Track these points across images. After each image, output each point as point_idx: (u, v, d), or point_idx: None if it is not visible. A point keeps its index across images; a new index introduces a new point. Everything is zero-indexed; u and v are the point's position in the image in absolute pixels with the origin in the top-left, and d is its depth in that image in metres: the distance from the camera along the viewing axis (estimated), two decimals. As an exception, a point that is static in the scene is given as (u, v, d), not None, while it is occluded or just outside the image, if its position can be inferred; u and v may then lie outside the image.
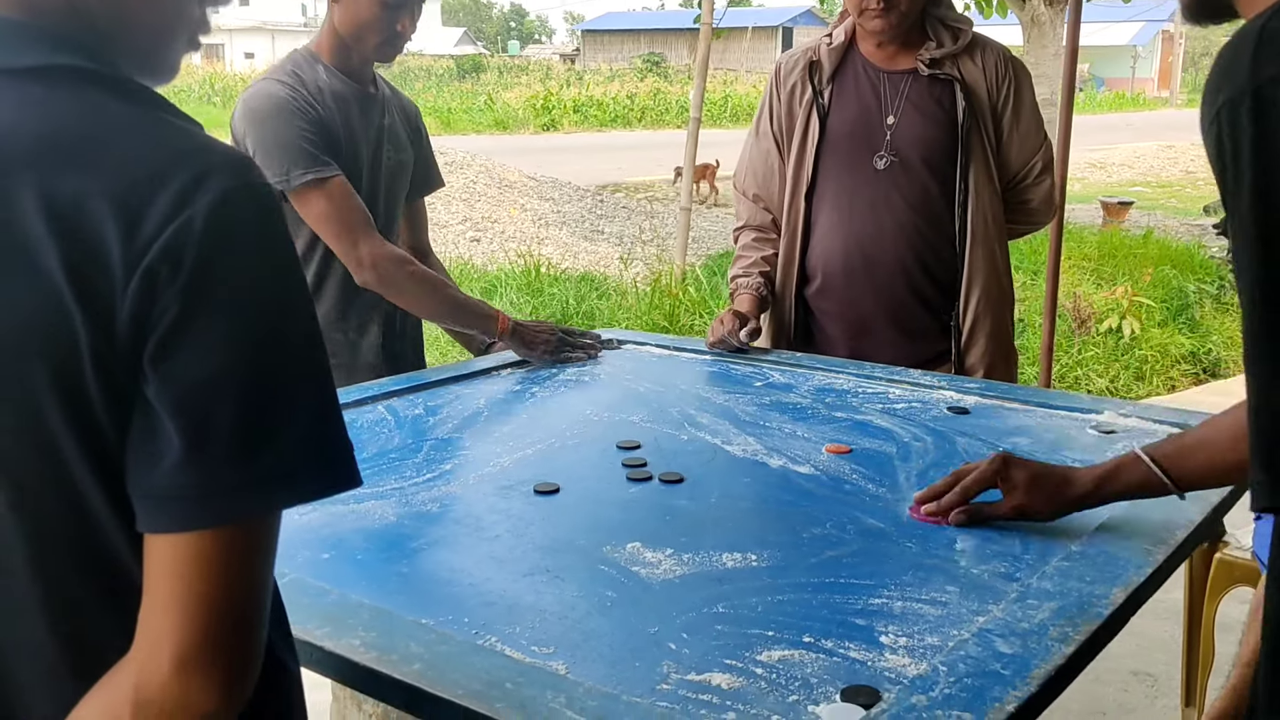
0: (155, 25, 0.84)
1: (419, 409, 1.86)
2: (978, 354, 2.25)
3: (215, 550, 0.72)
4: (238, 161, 0.76)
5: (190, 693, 0.72)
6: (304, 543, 1.31)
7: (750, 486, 1.50)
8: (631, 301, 5.95)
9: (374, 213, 2.07)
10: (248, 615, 0.74)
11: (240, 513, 0.72)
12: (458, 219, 8.46)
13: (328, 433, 0.77)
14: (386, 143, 2.12)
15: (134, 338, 0.70)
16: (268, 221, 0.76)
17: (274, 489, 0.74)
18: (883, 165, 2.24)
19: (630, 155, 15.65)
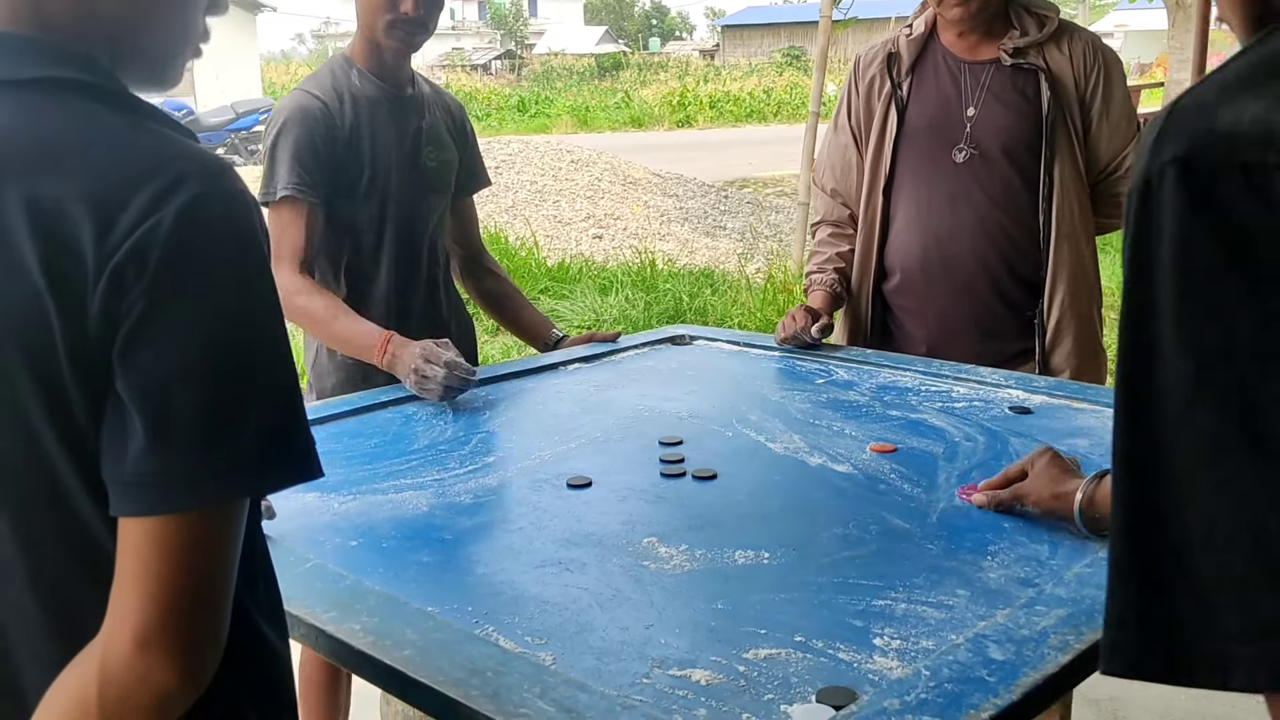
0: (167, 37, 0.89)
1: (478, 403, 1.90)
2: (1063, 354, 2.16)
3: (175, 535, 0.76)
4: (213, 168, 0.80)
5: (150, 670, 0.76)
6: (336, 530, 1.36)
7: (782, 485, 1.48)
8: (745, 298, 5.92)
9: (413, 214, 2.10)
10: (207, 598, 0.78)
11: (198, 500, 0.76)
12: (581, 216, 8.57)
13: (287, 427, 0.81)
14: (426, 144, 2.13)
15: (104, 333, 0.75)
16: (235, 225, 0.79)
17: (231, 479, 0.78)
18: (962, 158, 2.18)
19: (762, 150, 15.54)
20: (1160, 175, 0.54)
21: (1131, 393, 0.57)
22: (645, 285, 6.24)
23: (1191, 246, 0.53)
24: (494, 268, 2.41)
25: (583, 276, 6.76)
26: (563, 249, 7.71)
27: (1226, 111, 0.54)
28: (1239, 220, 0.52)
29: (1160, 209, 0.54)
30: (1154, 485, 0.55)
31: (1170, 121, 0.56)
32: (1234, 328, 0.52)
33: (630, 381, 2.02)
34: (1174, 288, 0.54)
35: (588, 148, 10.57)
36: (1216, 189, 0.53)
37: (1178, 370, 0.54)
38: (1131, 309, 0.57)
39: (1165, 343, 0.54)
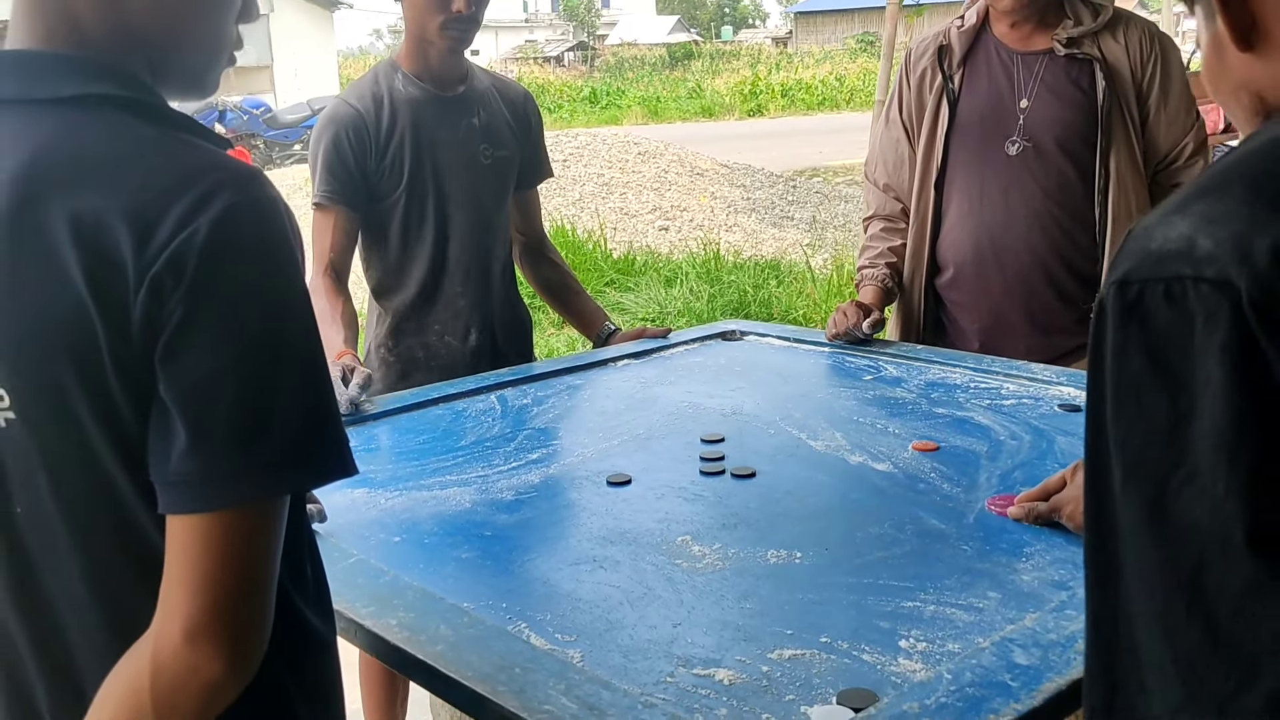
0: (202, 48, 0.93)
1: (527, 399, 1.93)
2: None
3: (218, 531, 0.80)
4: (246, 177, 0.84)
5: (199, 661, 0.80)
6: (381, 525, 1.39)
7: (820, 483, 1.48)
8: (809, 289, 5.89)
9: (469, 211, 2.13)
10: (250, 591, 0.82)
11: (237, 497, 0.80)
12: (647, 208, 8.58)
13: (320, 427, 0.84)
14: (482, 141, 2.15)
15: (146, 339, 0.79)
16: (268, 233, 0.83)
17: (267, 476, 0.81)
18: (1015, 151, 2.15)
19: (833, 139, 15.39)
20: (1107, 296, 0.61)
21: (1091, 491, 0.62)
22: (710, 277, 6.24)
23: (1124, 353, 0.59)
24: (555, 257, 2.44)
25: (648, 269, 6.77)
26: (629, 241, 7.73)
27: (1159, 233, 0.59)
28: (1159, 328, 0.57)
29: (1105, 326, 0.60)
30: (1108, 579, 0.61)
31: (1124, 247, 0.62)
32: (1152, 424, 0.57)
33: (678, 378, 2.03)
34: (1112, 392, 0.60)
35: (655, 139, 10.58)
36: (1144, 302, 0.58)
37: (1114, 466, 0.60)
38: (1090, 421, 0.62)
39: (1109, 445, 0.60)
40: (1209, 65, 0.74)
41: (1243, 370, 0.54)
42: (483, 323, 2.19)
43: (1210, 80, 0.75)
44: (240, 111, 13.91)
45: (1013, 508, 1.32)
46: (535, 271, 2.42)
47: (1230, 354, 0.55)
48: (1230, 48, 0.69)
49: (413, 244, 2.12)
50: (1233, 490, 0.54)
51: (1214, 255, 0.56)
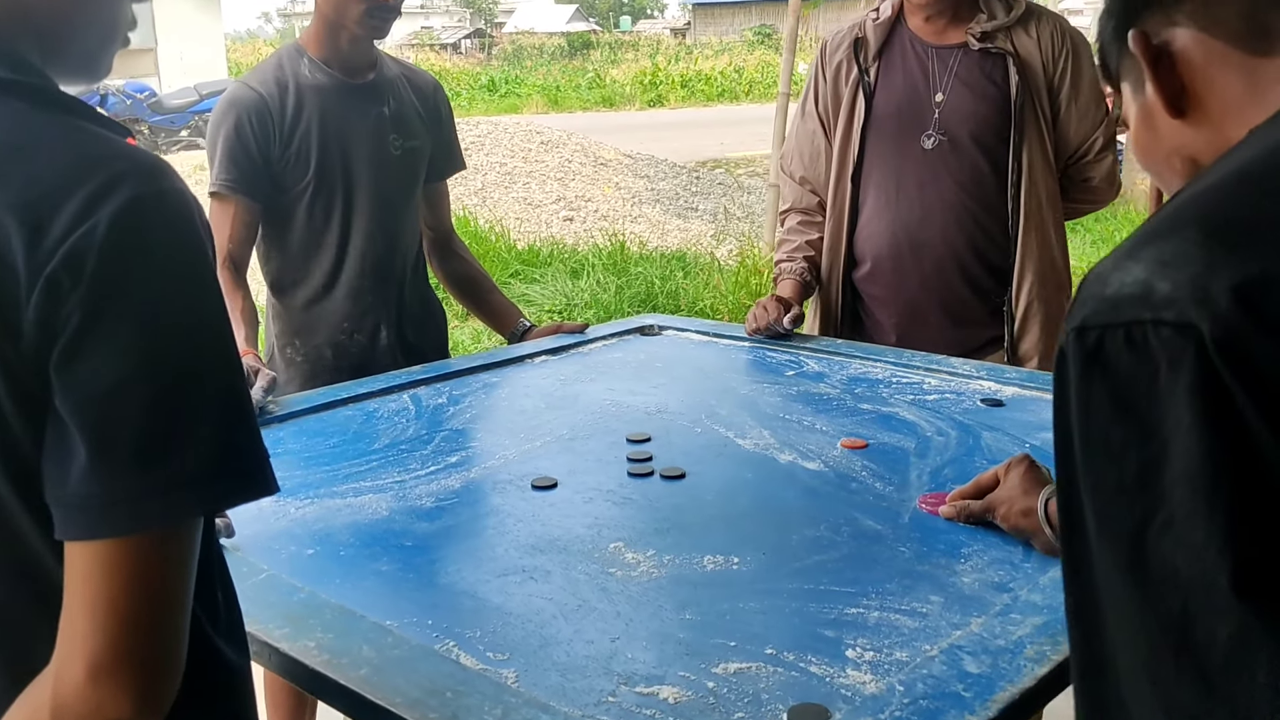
0: (97, 29, 0.85)
1: (442, 398, 1.86)
2: (1031, 341, 2.14)
3: (123, 558, 0.72)
4: (150, 167, 0.76)
5: (104, 701, 0.72)
6: (292, 537, 1.31)
7: (752, 483, 1.45)
8: (717, 280, 5.89)
9: (381, 204, 2.05)
10: (162, 623, 0.74)
11: (145, 521, 0.72)
12: (551, 198, 8.50)
13: (237, 441, 0.77)
14: (392, 131, 2.07)
15: (40, 346, 0.71)
16: (176, 227, 0.75)
17: (180, 497, 0.74)
18: (931, 145, 2.15)
19: (734, 130, 15.48)
20: (1067, 343, 0.60)
21: (1067, 543, 0.61)
22: (617, 269, 6.19)
23: (1089, 402, 0.58)
24: (463, 252, 2.36)
25: (554, 260, 6.70)
26: (533, 232, 7.64)
27: (1115, 278, 0.59)
28: (1121, 374, 0.57)
29: (1068, 374, 0.60)
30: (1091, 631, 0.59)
31: (1078, 293, 0.62)
32: (1123, 472, 0.56)
33: (598, 375, 1.98)
34: (1080, 441, 0.59)
35: (558, 128, 10.48)
36: (1104, 348, 0.57)
37: (1088, 515, 0.59)
38: (1060, 469, 0.61)
39: (1081, 495, 0.59)
40: (1139, 136, 0.77)
41: (1212, 412, 0.53)
42: (394, 319, 2.10)
43: (1142, 150, 0.77)
44: (123, 96, 13.34)
45: (945, 507, 1.31)
46: (444, 267, 2.33)
47: (1198, 397, 0.54)
48: (1161, 116, 0.73)
49: (318, 237, 2.02)
50: (1213, 536, 0.53)
51: (1172, 298, 0.56)
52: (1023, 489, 1.22)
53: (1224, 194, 0.62)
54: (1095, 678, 0.58)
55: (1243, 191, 0.61)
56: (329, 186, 2.01)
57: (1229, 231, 0.58)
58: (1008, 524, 1.22)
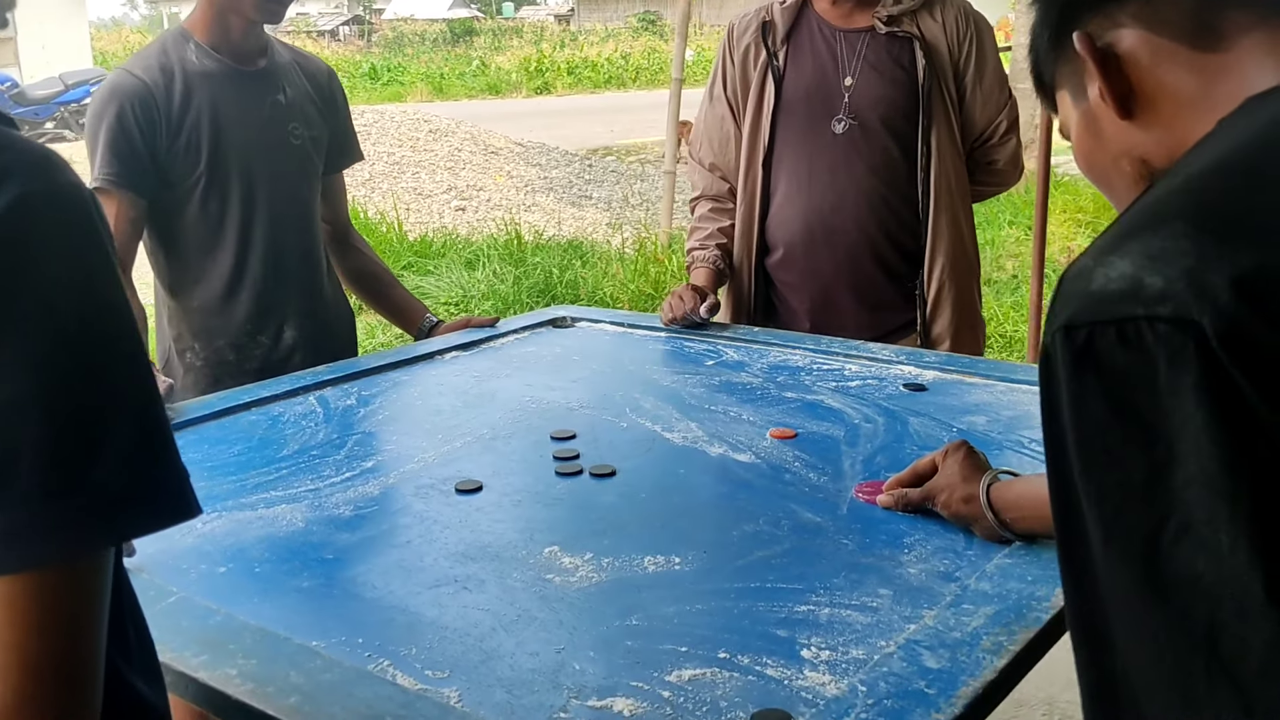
0: None
1: (352, 399, 1.77)
2: (943, 323, 2.16)
3: (28, 597, 0.64)
4: (39, 161, 0.68)
5: None
6: (200, 554, 1.23)
7: (685, 478, 1.41)
8: (616, 269, 5.85)
9: (283, 198, 1.96)
10: (74, 666, 0.67)
11: (53, 555, 0.64)
12: (442, 188, 8.33)
13: (153, 460, 0.69)
14: (289, 120, 1.97)
15: None
16: (72, 226, 0.67)
17: (90, 526, 0.66)
18: (841, 129, 2.14)
19: (623, 117, 15.44)
20: (1052, 343, 0.58)
21: (1068, 557, 0.58)
22: (514, 259, 6.10)
23: (1082, 403, 0.56)
24: (362, 246, 2.26)
25: (448, 251, 6.56)
26: (425, 223, 7.48)
27: (1099, 274, 0.57)
28: (1116, 372, 0.54)
29: (1056, 375, 0.57)
30: (1099, 647, 0.56)
31: (1058, 291, 0.59)
32: (1128, 476, 0.54)
33: (513, 370, 1.91)
34: (1075, 445, 0.56)
35: (446, 117, 10.29)
36: (1095, 346, 0.55)
37: (1091, 525, 0.56)
38: (1053, 476, 0.59)
39: (1080, 504, 0.56)
40: (1082, 144, 0.76)
41: (1223, 410, 0.51)
42: (298, 318, 2.00)
43: (1086, 157, 0.77)
44: (-19, 87, 12.66)
45: (883, 496, 1.29)
46: (343, 263, 2.23)
47: (1208, 394, 0.51)
48: (1107, 119, 0.73)
49: (214, 234, 1.91)
50: (1240, 540, 0.50)
51: (1165, 293, 0.54)
52: (962, 475, 1.21)
53: (1206, 187, 0.60)
54: (1108, 697, 0.55)
55: (1226, 184, 0.60)
56: (223, 180, 1.90)
57: (1218, 225, 0.56)
58: (949, 511, 1.21)
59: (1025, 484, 1.17)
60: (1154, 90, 0.70)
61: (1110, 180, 0.76)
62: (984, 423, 1.56)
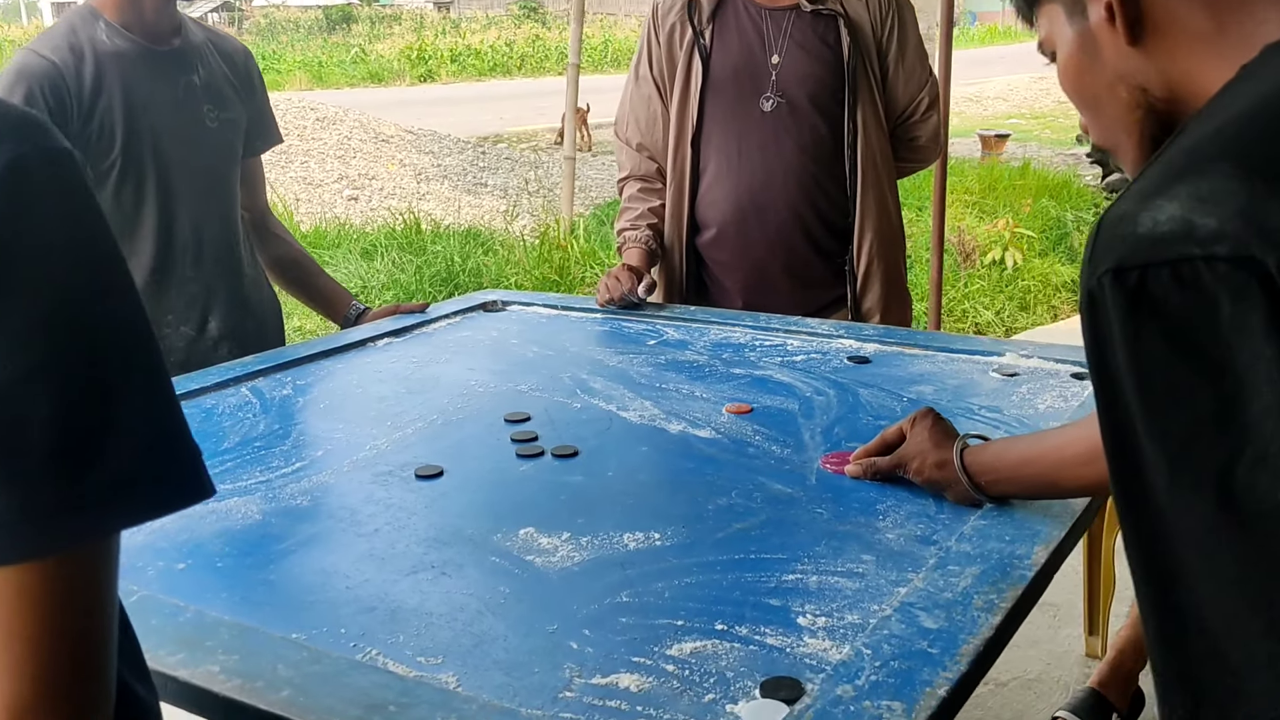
0: None
1: (287, 389, 1.72)
2: (873, 298, 2.19)
3: (42, 585, 0.60)
4: (28, 123, 0.63)
5: None
6: (157, 552, 1.17)
7: (649, 456, 1.40)
8: (520, 256, 5.79)
9: (198, 182, 1.87)
10: (89, 657, 0.62)
11: (68, 540, 0.60)
12: (333, 177, 8.13)
13: (166, 435, 0.65)
14: (205, 102, 1.88)
15: None
16: (68, 191, 0.63)
17: (106, 509, 0.61)
18: (770, 107, 2.15)
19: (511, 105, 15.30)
20: (1100, 288, 0.58)
21: (1127, 499, 0.59)
22: (414, 248, 5.99)
23: (1139, 344, 0.56)
24: (282, 233, 2.18)
25: (342, 241, 6.41)
26: (316, 213, 7.29)
27: (1146, 217, 0.57)
28: (1175, 312, 0.55)
29: (1107, 318, 0.58)
30: (1168, 585, 0.57)
31: (1099, 236, 0.60)
32: (1195, 412, 0.55)
33: (452, 355, 1.88)
34: (1134, 386, 0.57)
35: (331, 105, 10.04)
36: (1149, 288, 0.56)
37: (1155, 464, 0.56)
38: (1107, 419, 0.59)
39: (1141, 441, 0.57)
40: (1075, 64, 0.75)
41: None
42: (223, 308, 1.92)
43: (1075, 79, 0.76)
44: None
45: (851, 466, 1.30)
46: (264, 249, 2.15)
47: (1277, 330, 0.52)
48: (1109, 42, 0.72)
49: (131, 223, 1.81)
50: None
51: (1221, 233, 0.54)
52: (934, 442, 1.22)
53: (1249, 126, 0.61)
54: (1177, 633, 0.56)
55: (1266, 127, 0.60)
56: (138, 165, 1.81)
57: (1264, 165, 0.57)
58: (921, 477, 1.23)
59: (998, 447, 1.19)
60: (1165, 19, 0.70)
61: (1100, 104, 0.76)
62: (931, 392, 1.59)
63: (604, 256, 5.68)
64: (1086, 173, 8.74)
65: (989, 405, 1.52)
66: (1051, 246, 6.43)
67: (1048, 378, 1.63)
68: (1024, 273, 5.91)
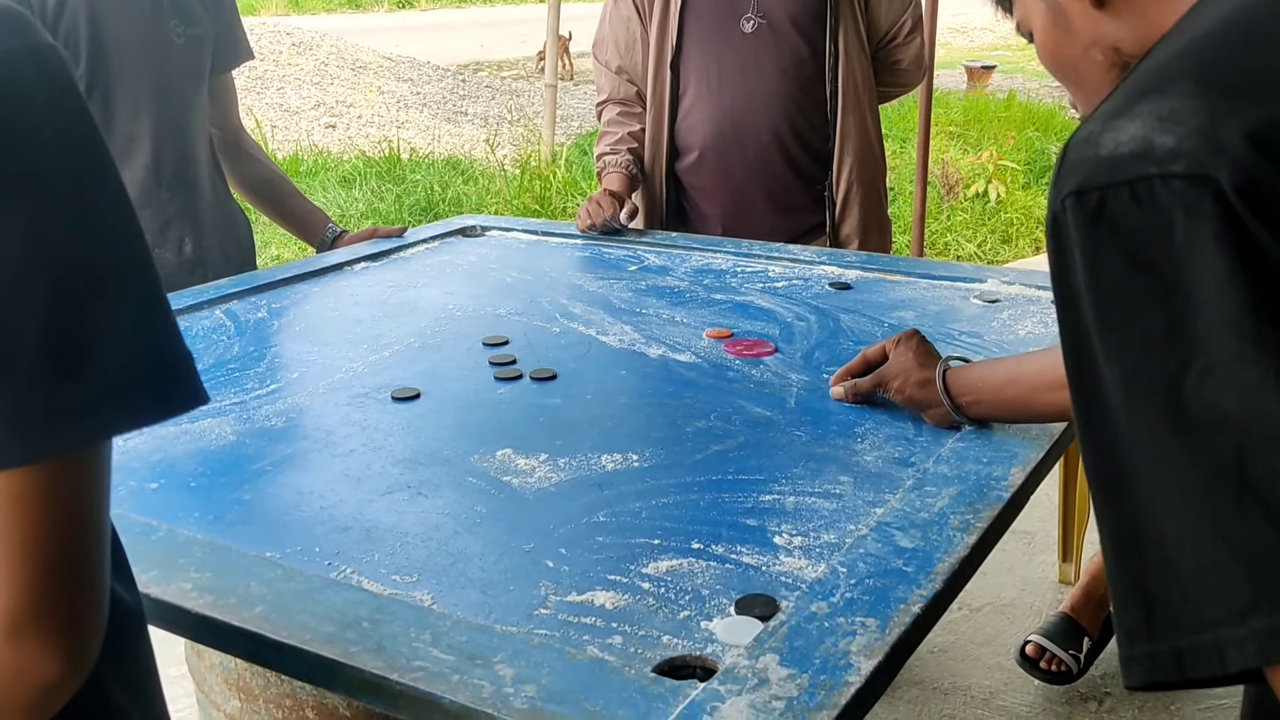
0: None
1: (262, 312, 1.69)
2: (852, 224, 2.18)
3: (34, 491, 0.59)
4: (12, 18, 0.60)
5: (26, 660, 0.59)
6: (129, 471, 1.16)
7: (628, 380, 1.39)
8: (500, 185, 5.73)
9: (167, 103, 1.83)
10: (82, 565, 0.62)
11: (60, 445, 0.59)
12: (310, 104, 7.99)
13: (159, 340, 0.64)
14: (171, 18, 1.83)
15: None
16: (56, 87, 0.61)
17: (99, 415, 0.61)
18: (750, 28, 2.11)
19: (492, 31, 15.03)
20: (1063, 209, 0.58)
21: (1084, 415, 0.59)
22: (393, 176, 5.91)
23: (1098, 262, 0.56)
24: (256, 153, 2.14)
25: (320, 170, 6.32)
26: (294, 141, 7.18)
27: (1108, 138, 0.57)
28: (1132, 231, 0.55)
29: (1068, 239, 0.58)
30: (1122, 498, 0.57)
31: (1065, 157, 0.60)
32: (1147, 327, 0.55)
33: (430, 279, 1.85)
34: (1091, 304, 0.57)
35: (308, 30, 9.84)
36: (1108, 207, 0.56)
37: (1110, 379, 0.57)
38: (1067, 337, 0.60)
39: (1098, 358, 0.57)
40: (1049, 39, 0.76)
41: (1244, 259, 0.52)
42: (195, 230, 1.88)
43: (1052, 52, 0.77)
44: None
45: (835, 387, 1.30)
46: (237, 171, 2.11)
47: (1229, 244, 0.53)
48: (1077, 11, 0.73)
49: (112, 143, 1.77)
50: (1268, 377, 0.52)
51: (1178, 151, 0.54)
52: (918, 362, 1.22)
53: (1211, 45, 0.60)
54: (1130, 546, 0.57)
55: (1231, 41, 0.60)
56: (104, 84, 1.76)
57: (1227, 82, 0.57)
58: (902, 396, 1.22)
59: (982, 369, 1.19)
60: None
61: (1079, 72, 0.76)
62: (913, 318, 1.58)
63: (585, 186, 5.62)
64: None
65: (970, 331, 1.51)
66: (1036, 179, 6.41)
67: (1029, 304, 1.63)
68: (1006, 205, 5.90)
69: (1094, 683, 2.23)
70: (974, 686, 2.26)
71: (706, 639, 0.85)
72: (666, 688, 0.77)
